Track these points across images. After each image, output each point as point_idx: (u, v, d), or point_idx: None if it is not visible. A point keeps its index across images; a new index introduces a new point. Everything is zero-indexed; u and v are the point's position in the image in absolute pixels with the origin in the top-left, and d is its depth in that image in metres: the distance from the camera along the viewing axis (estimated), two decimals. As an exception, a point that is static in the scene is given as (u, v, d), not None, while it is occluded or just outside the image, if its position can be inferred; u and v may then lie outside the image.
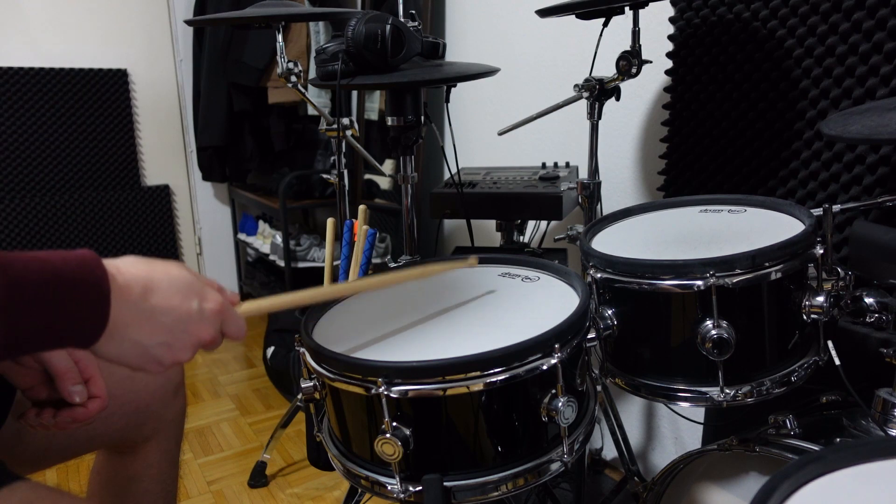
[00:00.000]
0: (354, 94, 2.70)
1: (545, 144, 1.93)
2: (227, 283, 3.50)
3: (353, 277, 1.28)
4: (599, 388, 1.38)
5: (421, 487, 0.74)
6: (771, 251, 0.82)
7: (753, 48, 1.27)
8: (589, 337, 0.85)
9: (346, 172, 1.64)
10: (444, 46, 1.27)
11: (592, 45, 1.34)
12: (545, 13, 1.25)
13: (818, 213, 0.92)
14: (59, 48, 2.85)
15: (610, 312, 0.92)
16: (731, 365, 0.84)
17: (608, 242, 1.02)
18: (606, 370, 0.98)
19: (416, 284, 1.03)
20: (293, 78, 1.46)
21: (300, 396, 0.83)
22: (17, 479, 0.67)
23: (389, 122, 1.30)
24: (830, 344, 0.88)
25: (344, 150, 1.63)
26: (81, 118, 2.90)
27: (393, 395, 0.71)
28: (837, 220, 1.14)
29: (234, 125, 2.91)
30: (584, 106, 1.33)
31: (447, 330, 0.84)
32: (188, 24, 1.73)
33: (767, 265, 0.82)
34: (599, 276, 0.92)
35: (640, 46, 1.20)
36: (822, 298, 0.85)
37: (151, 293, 0.59)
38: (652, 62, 1.29)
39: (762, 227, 0.96)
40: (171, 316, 0.60)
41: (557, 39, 1.84)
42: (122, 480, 1.00)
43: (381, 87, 1.88)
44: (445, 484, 0.74)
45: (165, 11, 3.08)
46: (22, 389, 0.63)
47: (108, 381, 0.70)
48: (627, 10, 1.20)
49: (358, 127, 1.66)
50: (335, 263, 1.37)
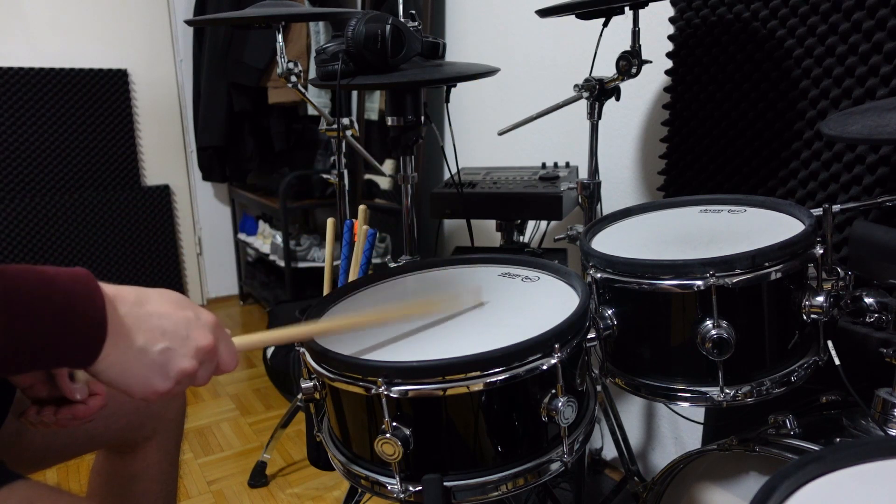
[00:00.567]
0: (354, 94, 2.70)
1: (545, 144, 1.93)
2: (227, 283, 3.51)
3: (353, 277, 1.28)
4: (599, 388, 1.38)
5: (421, 487, 0.74)
6: (771, 251, 0.82)
7: (753, 48, 1.27)
8: (589, 337, 0.84)
9: (346, 172, 1.64)
10: (444, 46, 1.27)
11: (592, 45, 1.34)
12: (545, 13, 1.25)
13: (818, 213, 0.92)
14: (59, 48, 2.85)
15: (610, 312, 0.92)
16: (730, 365, 0.84)
17: (608, 242, 1.02)
18: (606, 370, 0.98)
19: (416, 285, 1.04)
20: (293, 78, 1.46)
21: (300, 396, 0.83)
22: (17, 478, 0.68)
23: (389, 122, 1.30)
24: (830, 344, 0.88)
25: (344, 150, 1.63)
26: (81, 118, 2.90)
27: (393, 395, 0.71)
28: (837, 220, 1.14)
29: (234, 125, 2.91)
30: (583, 106, 1.33)
31: (447, 330, 0.84)
32: (188, 24, 1.74)
33: (767, 265, 0.82)
34: (599, 276, 0.92)
35: (640, 46, 1.20)
36: (821, 298, 0.85)
37: (146, 301, 0.60)
38: (652, 62, 1.29)
39: (762, 227, 0.96)
40: (169, 319, 0.61)
41: (557, 39, 1.84)
42: (122, 480, 1.01)
43: (381, 87, 1.88)
44: (445, 484, 0.74)
45: (165, 11, 3.08)
46: (22, 388, 0.63)
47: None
48: (627, 10, 1.20)
49: (358, 127, 1.66)
50: (335, 263, 1.37)
